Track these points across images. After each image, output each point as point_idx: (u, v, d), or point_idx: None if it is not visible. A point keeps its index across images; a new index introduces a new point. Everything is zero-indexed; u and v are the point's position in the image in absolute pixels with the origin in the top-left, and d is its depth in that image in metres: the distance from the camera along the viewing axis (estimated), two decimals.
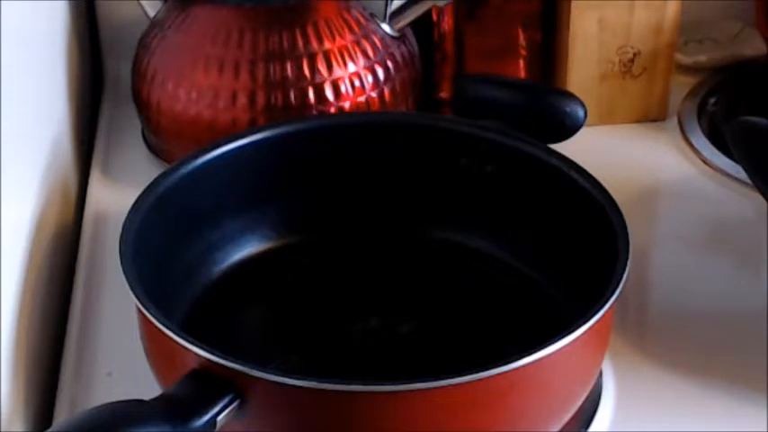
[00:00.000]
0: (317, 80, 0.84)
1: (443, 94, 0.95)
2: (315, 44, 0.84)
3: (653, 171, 0.91)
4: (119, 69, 0.99)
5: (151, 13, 0.90)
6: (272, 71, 0.84)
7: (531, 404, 0.61)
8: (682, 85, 0.98)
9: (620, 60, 0.93)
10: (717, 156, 0.90)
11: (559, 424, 0.64)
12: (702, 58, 1.01)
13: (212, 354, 0.58)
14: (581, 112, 0.77)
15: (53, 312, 0.78)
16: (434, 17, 0.92)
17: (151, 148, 0.91)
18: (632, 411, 0.70)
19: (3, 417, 0.63)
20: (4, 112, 0.67)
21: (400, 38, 0.88)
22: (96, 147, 0.93)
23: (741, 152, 0.73)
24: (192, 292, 0.72)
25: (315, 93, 0.84)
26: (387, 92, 0.86)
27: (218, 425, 0.57)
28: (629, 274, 0.64)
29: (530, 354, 0.58)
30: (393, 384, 0.57)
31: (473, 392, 0.58)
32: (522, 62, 0.95)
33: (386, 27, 0.88)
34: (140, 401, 0.57)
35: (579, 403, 0.65)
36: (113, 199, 0.86)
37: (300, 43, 0.84)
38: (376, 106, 0.86)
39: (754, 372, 0.72)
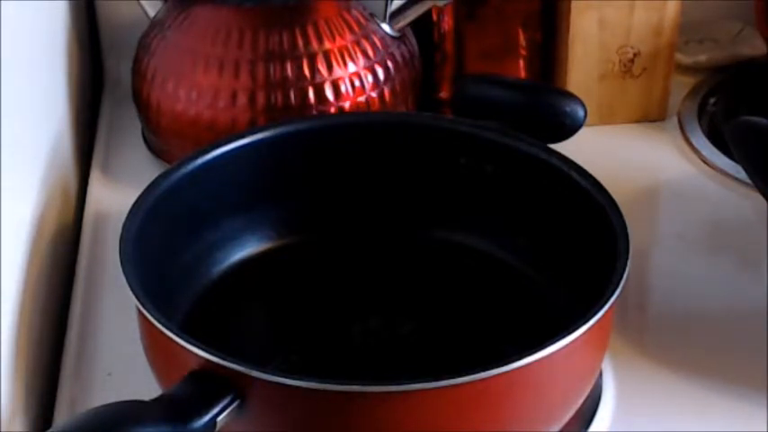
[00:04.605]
0: (317, 80, 0.84)
1: (443, 94, 0.95)
2: (315, 44, 0.84)
3: (653, 171, 0.91)
4: (119, 69, 0.99)
5: (151, 14, 0.90)
6: (272, 71, 0.84)
7: (531, 404, 0.61)
8: (682, 85, 0.98)
9: (620, 60, 0.93)
10: (717, 156, 0.90)
11: (559, 424, 0.64)
12: (702, 58, 1.01)
13: (212, 354, 0.58)
14: (581, 112, 0.77)
15: (53, 312, 0.78)
16: (434, 17, 0.92)
17: (151, 148, 0.91)
18: (632, 411, 0.70)
19: (3, 417, 0.63)
20: (4, 112, 0.67)
21: (400, 38, 0.88)
22: (96, 147, 0.93)
23: (741, 152, 0.73)
24: (192, 293, 0.72)
25: (315, 93, 0.84)
26: (387, 92, 0.86)
27: (219, 425, 0.57)
28: (629, 274, 0.64)
29: (530, 354, 0.58)
30: (393, 384, 0.57)
31: (473, 392, 0.58)
32: (522, 62, 0.95)
33: (386, 27, 0.88)
34: (140, 402, 0.57)
35: (579, 403, 0.65)
36: (113, 199, 0.86)
37: (300, 43, 0.84)
38: (376, 106, 0.86)
39: (754, 372, 0.72)
